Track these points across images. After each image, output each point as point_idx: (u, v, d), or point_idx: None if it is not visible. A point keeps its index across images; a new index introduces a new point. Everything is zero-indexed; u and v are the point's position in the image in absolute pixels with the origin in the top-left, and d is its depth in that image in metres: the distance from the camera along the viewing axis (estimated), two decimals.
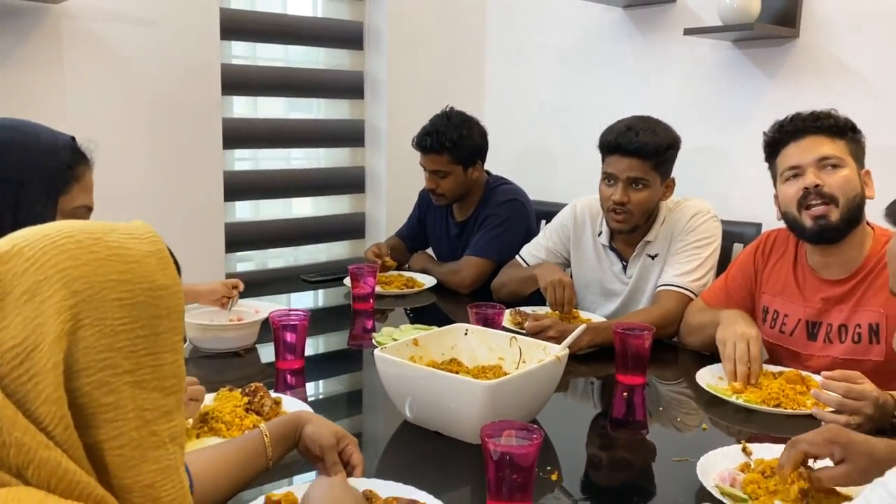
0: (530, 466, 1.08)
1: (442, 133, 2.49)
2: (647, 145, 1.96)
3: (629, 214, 2.02)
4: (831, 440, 1.10)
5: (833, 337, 1.67)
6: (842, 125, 1.63)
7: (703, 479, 1.16)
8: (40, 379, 0.61)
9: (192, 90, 2.63)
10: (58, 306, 0.62)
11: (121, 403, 0.64)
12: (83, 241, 0.65)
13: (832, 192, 1.59)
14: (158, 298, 0.67)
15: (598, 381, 1.73)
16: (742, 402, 1.51)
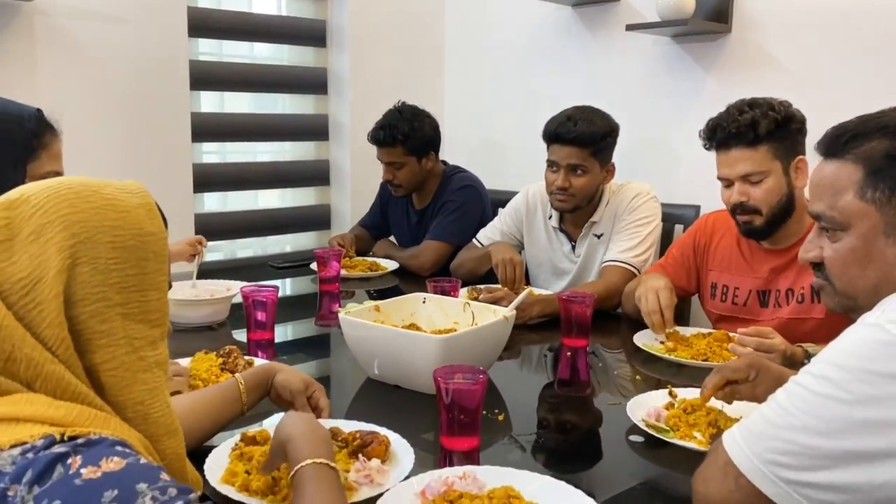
0: (477, 404, 1.22)
1: (394, 126, 2.63)
2: (584, 135, 2.12)
3: (571, 197, 2.19)
4: (750, 364, 1.29)
5: (781, 301, 1.83)
6: (763, 133, 1.70)
7: (631, 416, 1.31)
8: (44, 307, 0.73)
9: (161, 85, 2.73)
10: (59, 245, 0.74)
11: (113, 331, 0.76)
12: (81, 193, 0.77)
13: (756, 205, 1.75)
14: (146, 243, 0.79)
15: (550, 354, 1.87)
16: (673, 357, 1.68)
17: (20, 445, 0.67)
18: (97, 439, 0.69)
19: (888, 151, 0.97)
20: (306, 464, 0.90)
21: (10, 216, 0.74)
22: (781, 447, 0.86)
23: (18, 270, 0.73)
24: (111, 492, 0.64)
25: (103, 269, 0.76)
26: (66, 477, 0.65)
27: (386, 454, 1.14)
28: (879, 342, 0.83)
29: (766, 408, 0.90)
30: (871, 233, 0.99)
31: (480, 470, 1.08)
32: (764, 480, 0.87)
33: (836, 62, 2.26)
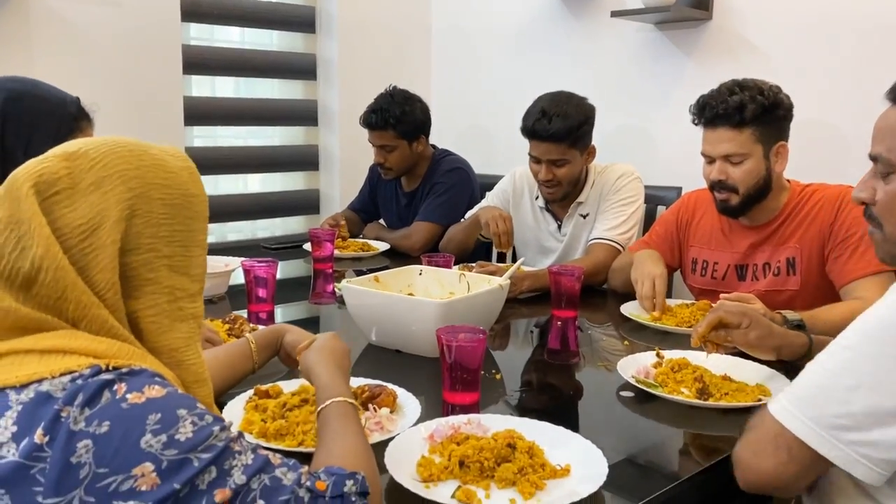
0: (478, 361, 1.29)
1: (386, 110, 2.69)
2: (559, 131, 2.18)
3: (558, 186, 2.28)
4: (744, 312, 1.39)
5: (759, 274, 1.92)
6: (749, 118, 1.77)
7: (622, 373, 1.39)
8: (100, 252, 0.78)
9: (154, 69, 2.77)
10: (118, 197, 0.79)
11: (158, 280, 0.82)
12: (135, 151, 0.83)
13: (734, 184, 1.83)
14: (191, 203, 0.85)
15: (537, 330, 1.94)
16: (659, 325, 1.76)
17: (69, 374, 0.72)
18: (139, 370, 0.75)
19: None
20: (328, 403, 0.98)
21: (71, 167, 0.79)
22: (838, 409, 0.89)
23: (79, 217, 0.77)
24: (155, 415, 0.70)
25: (155, 223, 0.81)
26: (114, 401, 0.70)
27: (394, 405, 1.20)
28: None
29: (812, 374, 0.94)
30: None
31: (484, 417, 1.15)
32: (823, 444, 0.90)
33: (812, 49, 2.36)
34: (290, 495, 0.74)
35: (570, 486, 0.98)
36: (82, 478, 0.67)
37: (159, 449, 0.69)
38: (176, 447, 0.69)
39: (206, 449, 0.71)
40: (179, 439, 0.70)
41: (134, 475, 0.67)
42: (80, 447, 0.68)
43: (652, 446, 1.23)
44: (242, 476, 0.73)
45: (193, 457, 0.70)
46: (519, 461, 1.01)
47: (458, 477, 1.00)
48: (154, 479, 0.68)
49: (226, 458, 0.72)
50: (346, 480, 0.78)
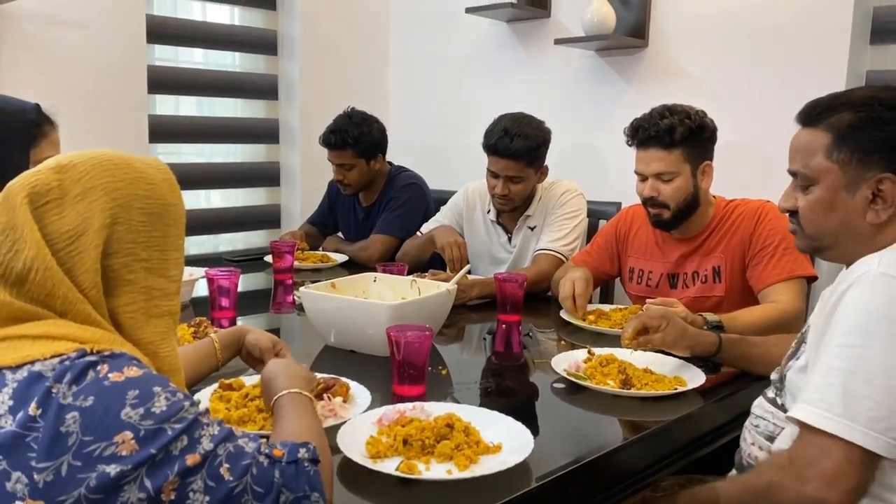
0: (424, 356, 1.43)
1: (345, 131, 2.82)
2: (519, 150, 2.34)
3: (510, 201, 2.45)
4: (663, 315, 1.57)
5: (689, 282, 2.08)
6: (678, 139, 1.93)
7: (555, 367, 1.54)
8: (85, 255, 0.88)
9: (120, 89, 2.86)
10: (102, 207, 0.89)
11: (136, 281, 0.93)
12: (119, 165, 0.93)
13: (665, 200, 1.99)
14: (168, 212, 0.96)
15: (489, 337, 2.08)
16: (594, 327, 1.91)
17: (58, 356, 0.83)
18: (119, 353, 0.86)
19: (851, 122, 1.18)
20: (283, 393, 1.09)
21: (61, 179, 0.89)
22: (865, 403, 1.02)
23: (66, 224, 0.88)
24: (134, 391, 0.81)
25: (134, 230, 0.91)
26: (98, 379, 0.81)
27: (347, 395, 1.33)
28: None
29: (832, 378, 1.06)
30: (835, 187, 1.19)
31: (428, 404, 1.28)
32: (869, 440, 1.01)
33: (738, 73, 2.56)
34: (251, 460, 0.85)
35: (501, 458, 1.12)
36: (70, 444, 0.77)
37: (137, 420, 0.80)
38: (152, 418, 0.80)
39: (178, 420, 0.82)
40: (155, 412, 0.81)
41: (115, 442, 0.78)
42: (68, 418, 0.78)
43: (578, 429, 1.38)
44: (210, 444, 0.83)
45: (167, 427, 0.81)
46: (456, 439, 1.14)
47: (402, 453, 1.13)
48: (133, 445, 0.78)
49: (195, 428, 0.83)
50: (300, 449, 0.90)
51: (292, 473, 0.87)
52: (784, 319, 1.81)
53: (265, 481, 0.85)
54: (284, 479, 0.86)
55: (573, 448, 1.27)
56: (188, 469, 0.81)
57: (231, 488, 0.83)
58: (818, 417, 1.05)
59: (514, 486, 1.07)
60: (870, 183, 1.16)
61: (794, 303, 1.85)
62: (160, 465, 0.80)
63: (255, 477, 0.85)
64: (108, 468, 0.77)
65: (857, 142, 1.17)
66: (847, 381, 1.04)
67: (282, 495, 0.85)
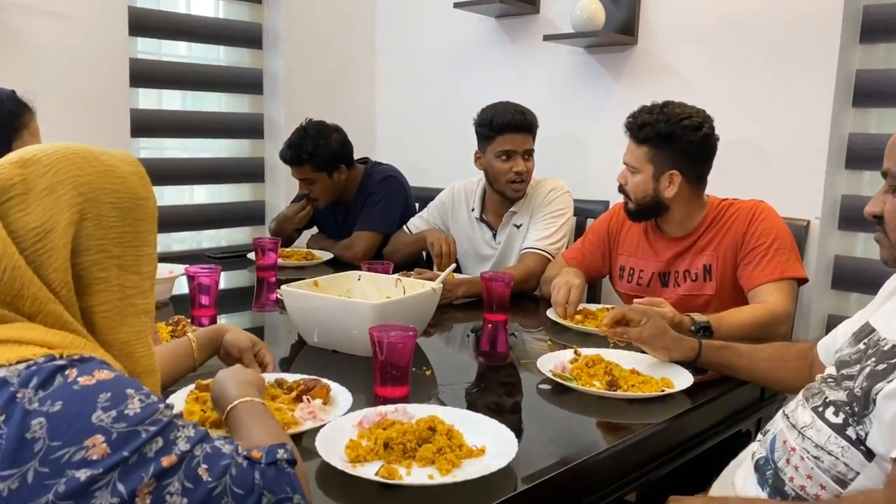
0: (408, 357, 1.40)
1: (298, 146, 2.75)
2: (534, 123, 2.42)
3: (524, 183, 2.44)
4: (644, 312, 1.55)
5: (679, 280, 2.06)
6: (641, 137, 1.96)
7: (541, 368, 1.51)
8: (53, 253, 0.84)
9: (102, 82, 2.81)
10: (69, 202, 0.85)
11: (109, 279, 0.89)
12: (86, 157, 0.89)
13: (628, 191, 2.04)
14: (140, 206, 0.92)
15: (473, 335, 2.06)
16: (581, 327, 1.89)
17: (25, 361, 0.79)
18: (89, 357, 0.82)
19: None
20: (234, 404, 1.04)
21: (25, 173, 0.85)
22: None
23: (32, 220, 0.83)
24: (105, 394, 0.77)
25: (105, 225, 0.87)
26: (66, 384, 0.77)
27: (327, 397, 1.30)
28: None
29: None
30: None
31: (410, 406, 1.25)
32: None
33: (727, 72, 2.53)
34: (230, 460, 0.82)
35: (484, 462, 1.09)
36: (36, 451, 0.73)
37: (109, 423, 0.76)
38: (125, 421, 0.76)
39: (152, 422, 0.78)
40: (128, 414, 0.77)
41: (86, 446, 0.74)
42: (34, 424, 0.74)
43: (563, 431, 1.35)
44: (186, 444, 0.80)
45: (141, 429, 0.77)
46: (438, 442, 1.11)
47: (383, 457, 1.10)
48: (105, 448, 0.74)
49: (171, 430, 0.80)
50: (278, 450, 0.87)
51: (273, 475, 0.84)
52: (772, 320, 1.80)
53: (246, 483, 0.82)
54: (266, 481, 0.83)
55: (558, 450, 1.24)
56: (164, 470, 0.77)
57: (210, 489, 0.79)
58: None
59: (497, 490, 1.04)
60: None
61: (784, 304, 1.84)
62: (134, 467, 0.76)
63: (235, 478, 0.81)
64: (78, 473, 0.73)
65: None
66: None
67: (264, 497, 0.82)
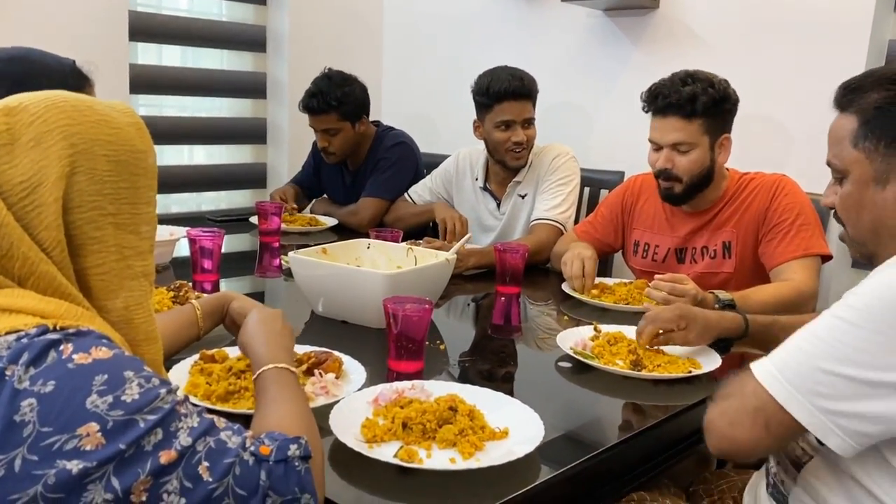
0: (424, 330, 1.33)
1: (326, 93, 2.65)
2: (533, 89, 2.31)
3: (526, 151, 2.35)
4: (681, 315, 1.42)
5: (697, 257, 1.99)
6: (700, 110, 1.81)
7: (561, 345, 1.44)
8: (43, 209, 0.76)
9: (99, 35, 2.70)
10: (59, 154, 0.77)
11: (104, 239, 0.81)
12: (78, 106, 0.81)
13: (678, 174, 1.88)
14: (137, 160, 0.83)
15: (473, 304, 1.99)
16: (598, 302, 1.82)
17: (15, 332, 0.72)
18: (86, 331, 0.75)
19: (877, 103, 1.03)
20: (268, 368, 0.98)
21: (10, 122, 0.77)
22: (821, 377, 0.90)
23: (19, 174, 0.76)
24: (101, 376, 0.70)
25: (99, 180, 0.79)
26: (60, 361, 0.70)
27: (340, 371, 1.23)
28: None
29: (802, 341, 0.95)
30: (862, 179, 1.05)
31: (427, 383, 1.18)
32: (801, 410, 0.91)
33: (755, 42, 2.44)
34: (234, 458, 0.75)
35: (508, 446, 1.03)
36: (26, 436, 0.67)
37: (105, 409, 0.69)
38: (122, 408, 0.70)
39: (152, 411, 0.71)
40: (125, 400, 0.70)
41: (79, 434, 0.67)
42: (24, 406, 0.67)
43: (587, 413, 1.29)
44: (188, 438, 0.73)
45: (139, 418, 0.70)
46: (459, 423, 1.05)
47: (401, 438, 1.03)
48: (99, 438, 0.68)
49: (172, 420, 0.73)
50: (290, 445, 0.79)
51: (281, 474, 0.77)
52: (798, 299, 1.73)
53: (249, 483, 0.75)
54: (272, 481, 0.76)
55: (584, 433, 1.18)
56: (162, 467, 0.70)
57: (210, 490, 0.72)
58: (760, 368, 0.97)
59: (523, 477, 0.98)
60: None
61: (809, 282, 1.77)
62: (130, 462, 0.69)
63: (238, 478, 0.74)
64: (70, 464, 0.66)
65: (882, 126, 1.02)
66: (817, 348, 0.93)
67: (268, 498, 0.75)
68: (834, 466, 0.99)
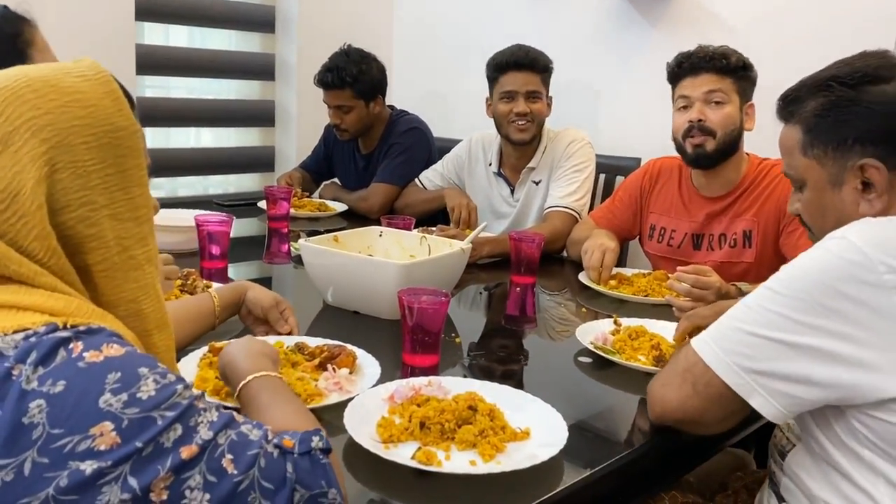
0: (440, 324, 1.28)
1: (342, 69, 2.61)
2: (538, 60, 2.26)
3: (530, 123, 2.28)
4: (717, 312, 1.35)
5: (714, 245, 1.94)
6: (732, 66, 1.83)
7: (581, 339, 1.39)
8: (28, 219, 0.70)
9: (104, 14, 2.64)
10: (31, 154, 0.70)
11: (102, 234, 0.75)
12: (41, 90, 0.72)
13: (712, 127, 1.84)
14: (120, 139, 0.76)
15: (488, 291, 1.94)
16: (616, 293, 1.77)
17: (23, 331, 0.68)
18: (97, 328, 0.71)
19: (816, 111, 1.07)
20: (248, 380, 0.92)
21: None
22: (745, 339, 0.96)
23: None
24: (115, 374, 0.66)
25: (83, 173, 0.73)
26: (70, 360, 0.66)
27: (354, 366, 1.19)
28: (843, 259, 0.92)
29: (734, 310, 1.00)
30: (819, 185, 1.08)
31: (444, 379, 1.14)
32: (728, 371, 0.96)
33: (777, 25, 2.37)
34: (258, 449, 0.71)
35: (530, 449, 0.98)
36: (35, 439, 0.63)
37: (119, 408, 0.65)
38: (137, 405, 0.66)
39: (169, 407, 0.68)
40: (141, 398, 0.66)
41: (91, 435, 0.64)
42: (32, 407, 0.64)
43: (609, 412, 1.24)
44: (209, 432, 0.69)
45: (157, 415, 0.67)
46: (480, 423, 1.00)
47: (419, 438, 0.99)
48: (114, 438, 0.64)
49: (191, 415, 0.69)
50: (312, 437, 0.76)
51: (307, 467, 0.73)
52: None
53: (276, 476, 0.71)
54: (298, 474, 0.72)
55: (608, 433, 1.14)
56: (183, 463, 0.67)
57: (236, 483, 0.69)
58: None
59: (546, 481, 0.94)
60: (853, 172, 1.04)
61: None
62: (148, 459, 0.65)
63: (264, 470, 0.70)
64: (84, 465, 0.63)
65: (826, 132, 1.06)
66: (745, 314, 0.98)
67: (296, 493, 0.72)
68: (813, 454, 1.02)
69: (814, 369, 0.92)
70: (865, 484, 0.95)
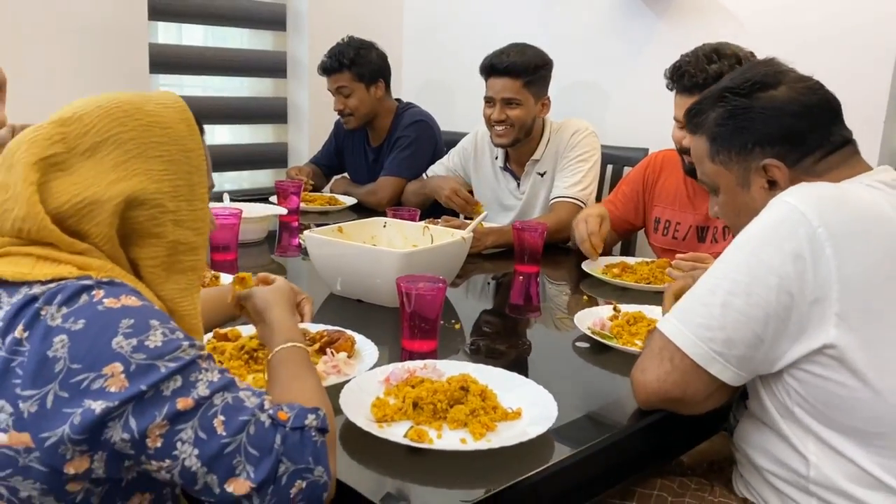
0: (437, 309, 1.31)
1: (341, 52, 2.70)
2: (516, 64, 2.22)
3: (510, 129, 2.28)
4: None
5: (718, 237, 1.95)
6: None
7: (578, 325, 1.41)
8: (96, 209, 0.80)
9: (118, 14, 2.69)
10: (115, 161, 0.82)
11: (164, 234, 0.85)
12: (129, 111, 0.84)
13: None
14: (189, 158, 0.87)
15: (503, 280, 1.97)
16: (618, 281, 1.79)
17: (58, 281, 0.76)
18: (119, 283, 0.79)
19: (717, 121, 1.15)
20: (282, 347, 0.98)
21: (65, 132, 0.81)
22: (701, 310, 1.00)
23: (74, 181, 0.80)
24: (128, 320, 0.74)
25: (157, 180, 0.84)
26: (91, 303, 0.74)
27: (352, 350, 1.22)
28: (782, 219, 0.98)
29: (693, 287, 1.05)
30: (731, 188, 1.17)
31: (440, 363, 1.17)
32: (687, 342, 1.00)
33: (786, 15, 2.36)
34: (250, 416, 0.76)
35: (521, 427, 1.01)
36: (57, 372, 0.71)
37: (129, 351, 0.72)
38: (144, 352, 0.73)
39: (173, 359, 0.74)
40: (148, 346, 0.74)
41: (104, 374, 0.71)
42: (56, 341, 0.72)
43: (604, 394, 1.26)
44: (206, 390, 0.75)
45: (161, 364, 0.73)
46: (471, 403, 1.03)
47: (412, 418, 1.02)
48: (123, 380, 0.71)
49: (192, 371, 0.75)
50: (308, 414, 0.80)
51: (296, 441, 0.77)
52: None
53: (263, 445, 0.75)
54: (286, 447, 0.76)
55: (600, 414, 1.15)
56: (178, 413, 0.73)
57: (223, 445, 0.74)
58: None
59: (535, 458, 0.96)
60: (758, 173, 1.12)
61: None
62: (148, 404, 0.72)
63: (252, 437, 0.75)
64: (95, 405, 0.71)
65: (728, 139, 1.14)
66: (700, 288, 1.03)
67: (281, 464, 0.76)
68: (754, 420, 1.08)
69: (763, 329, 0.97)
70: (797, 442, 1.00)
